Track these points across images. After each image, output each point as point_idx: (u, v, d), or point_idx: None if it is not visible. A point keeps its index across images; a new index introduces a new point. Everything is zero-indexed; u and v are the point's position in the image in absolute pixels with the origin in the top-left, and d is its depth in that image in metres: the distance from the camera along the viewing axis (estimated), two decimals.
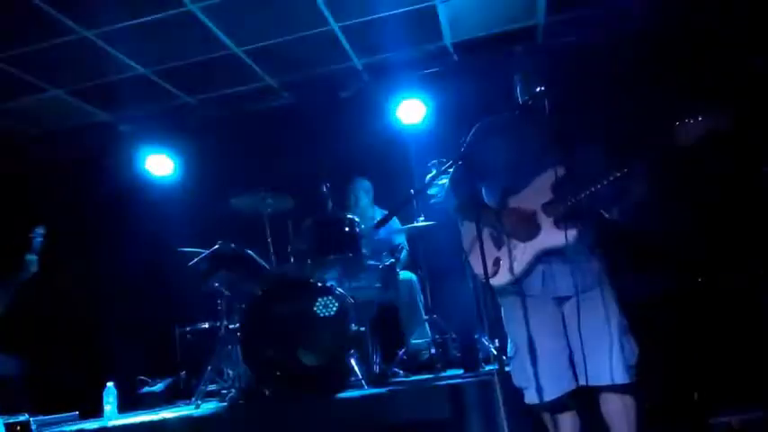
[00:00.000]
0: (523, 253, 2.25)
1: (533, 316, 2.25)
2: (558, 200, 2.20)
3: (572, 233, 2.17)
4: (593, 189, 2.15)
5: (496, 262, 2.29)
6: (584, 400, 2.30)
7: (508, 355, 2.36)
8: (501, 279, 2.30)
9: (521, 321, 2.26)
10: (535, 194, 2.24)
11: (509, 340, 2.36)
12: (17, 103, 5.28)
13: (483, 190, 2.46)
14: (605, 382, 2.20)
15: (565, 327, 2.25)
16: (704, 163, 4.25)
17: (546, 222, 2.22)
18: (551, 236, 2.20)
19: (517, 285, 2.27)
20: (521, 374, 2.28)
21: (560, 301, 2.24)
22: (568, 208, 2.18)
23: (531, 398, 2.26)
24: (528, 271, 2.25)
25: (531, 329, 2.24)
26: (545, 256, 2.22)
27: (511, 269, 2.26)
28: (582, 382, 2.22)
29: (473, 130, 2.44)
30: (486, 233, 2.32)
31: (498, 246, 2.30)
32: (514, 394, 2.33)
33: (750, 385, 3.20)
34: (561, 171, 2.21)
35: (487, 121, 2.46)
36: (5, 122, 5.61)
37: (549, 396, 2.22)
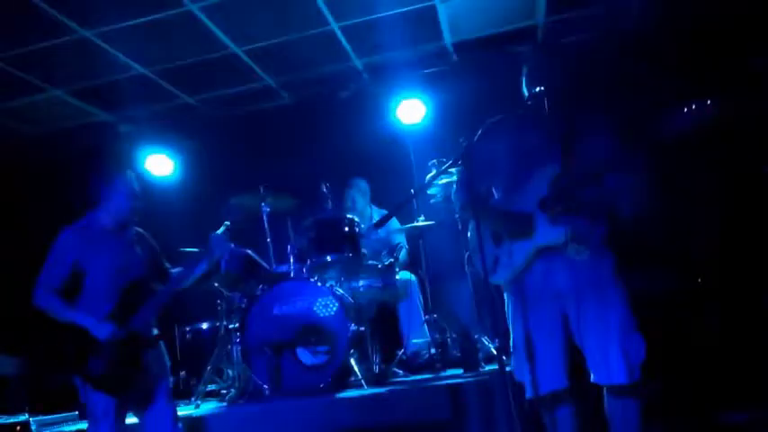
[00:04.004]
0: (521, 250, 2.27)
1: (532, 312, 2.28)
2: (553, 197, 2.22)
3: (569, 230, 2.19)
4: (588, 184, 2.17)
5: (495, 260, 2.32)
6: (586, 397, 2.31)
7: (510, 349, 2.39)
8: (499, 276, 2.34)
9: (520, 317, 2.31)
10: (534, 193, 2.26)
11: (511, 335, 2.39)
12: (17, 103, 5.28)
13: (493, 190, 2.48)
14: (605, 381, 2.21)
15: (565, 324, 2.26)
16: (705, 163, 4.25)
17: (543, 220, 2.23)
18: (548, 233, 2.22)
19: (517, 282, 2.29)
20: (519, 369, 2.31)
21: (561, 298, 2.25)
22: (564, 205, 2.19)
23: (528, 392, 2.29)
24: (526, 268, 2.27)
25: (529, 325, 2.27)
26: (544, 253, 2.24)
27: (508, 266, 2.28)
28: (593, 380, 2.24)
29: (480, 132, 2.46)
30: (488, 232, 2.35)
31: (498, 243, 2.33)
32: (515, 394, 2.34)
33: (753, 385, 3.20)
34: (557, 169, 2.23)
35: (493, 122, 2.47)
36: (5, 122, 5.61)
37: (544, 390, 2.25)
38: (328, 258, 3.89)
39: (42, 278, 2.76)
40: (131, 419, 2.89)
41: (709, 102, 1.97)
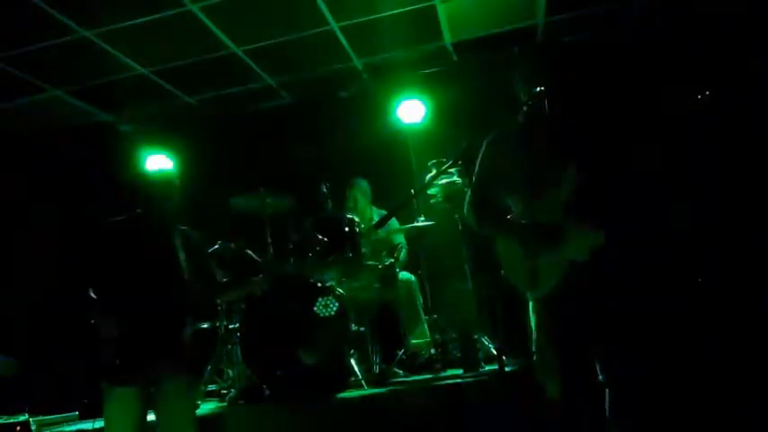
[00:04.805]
0: (556, 260, 2.24)
1: (558, 313, 2.26)
2: (575, 203, 2.20)
3: (598, 235, 2.18)
4: (607, 188, 2.16)
5: (534, 272, 2.29)
6: (600, 396, 2.30)
7: (532, 349, 2.37)
8: (542, 289, 2.30)
9: (547, 317, 2.29)
10: (556, 200, 2.24)
11: (533, 334, 2.37)
12: (17, 103, 5.28)
13: (509, 202, 2.46)
14: (619, 379, 2.21)
15: (588, 324, 2.25)
16: (705, 162, 4.25)
17: (571, 226, 2.21)
18: (578, 240, 2.20)
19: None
20: (543, 369, 2.29)
21: (585, 297, 2.24)
22: (587, 209, 2.18)
23: (552, 392, 2.27)
24: (562, 275, 2.25)
25: (555, 325, 2.26)
26: (574, 259, 2.22)
27: (550, 277, 2.26)
28: (601, 379, 2.24)
29: (484, 147, 2.43)
30: (516, 244, 2.33)
31: (533, 256, 2.30)
32: (515, 394, 2.34)
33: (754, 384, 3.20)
34: (574, 172, 2.21)
35: (496, 134, 2.45)
36: (5, 122, 5.61)
37: (569, 390, 2.23)
38: (328, 258, 3.89)
39: (76, 269, 2.82)
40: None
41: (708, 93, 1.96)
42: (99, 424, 3.57)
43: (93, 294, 2.76)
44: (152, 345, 2.71)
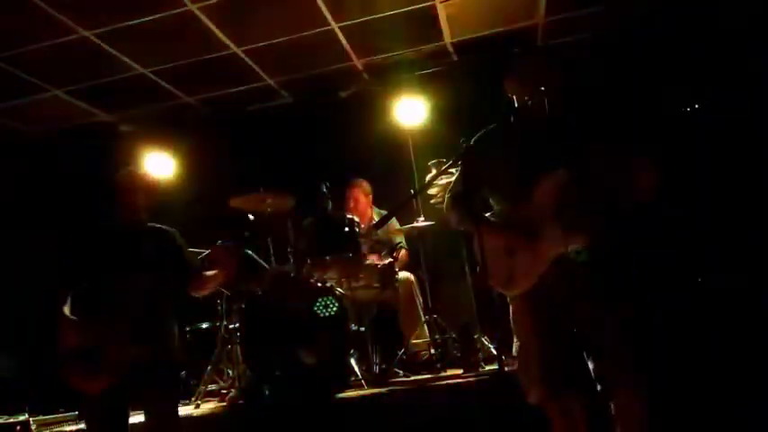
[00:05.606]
0: (536, 261, 2.22)
1: (541, 315, 2.24)
2: (565, 203, 2.18)
3: (583, 236, 2.16)
4: (598, 190, 2.14)
5: (512, 272, 2.27)
6: (591, 397, 2.29)
7: (513, 353, 2.36)
8: (518, 288, 2.28)
9: (528, 320, 2.27)
10: (543, 199, 2.23)
11: (515, 339, 2.36)
12: (17, 103, 5.28)
13: (492, 200, 2.44)
14: (615, 380, 2.19)
15: (574, 326, 2.23)
16: (705, 162, 4.25)
17: (555, 226, 2.19)
18: (562, 240, 2.18)
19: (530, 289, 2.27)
20: (524, 373, 2.27)
21: (571, 301, 2.22)
22: (576, 210, 2.16)
23: (533, 397, 2.26)
24: (542, 276, 2.23)
25: (537, 328, 2.24)
26: (557, 259, 2.20)
27: (526, 278, 2.24)
28: (590, 380, 2.22)
29: (472, 143, 2.42)
30: (493, 242, 2.31)
31: (511, 255, 2.28)
32: (514, 394, 2.33)
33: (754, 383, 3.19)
34: (565, 173, 2.20)
35: (485, 132, 2.43)
36: (5, 122, 5.61)
37: (552, 394, 2.22)
38: (328, 258, 3.89)
39: (59, 279, 2.85)
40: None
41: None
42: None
43: (82, 296, 2.77)
44: (127, 346, 2.68)
